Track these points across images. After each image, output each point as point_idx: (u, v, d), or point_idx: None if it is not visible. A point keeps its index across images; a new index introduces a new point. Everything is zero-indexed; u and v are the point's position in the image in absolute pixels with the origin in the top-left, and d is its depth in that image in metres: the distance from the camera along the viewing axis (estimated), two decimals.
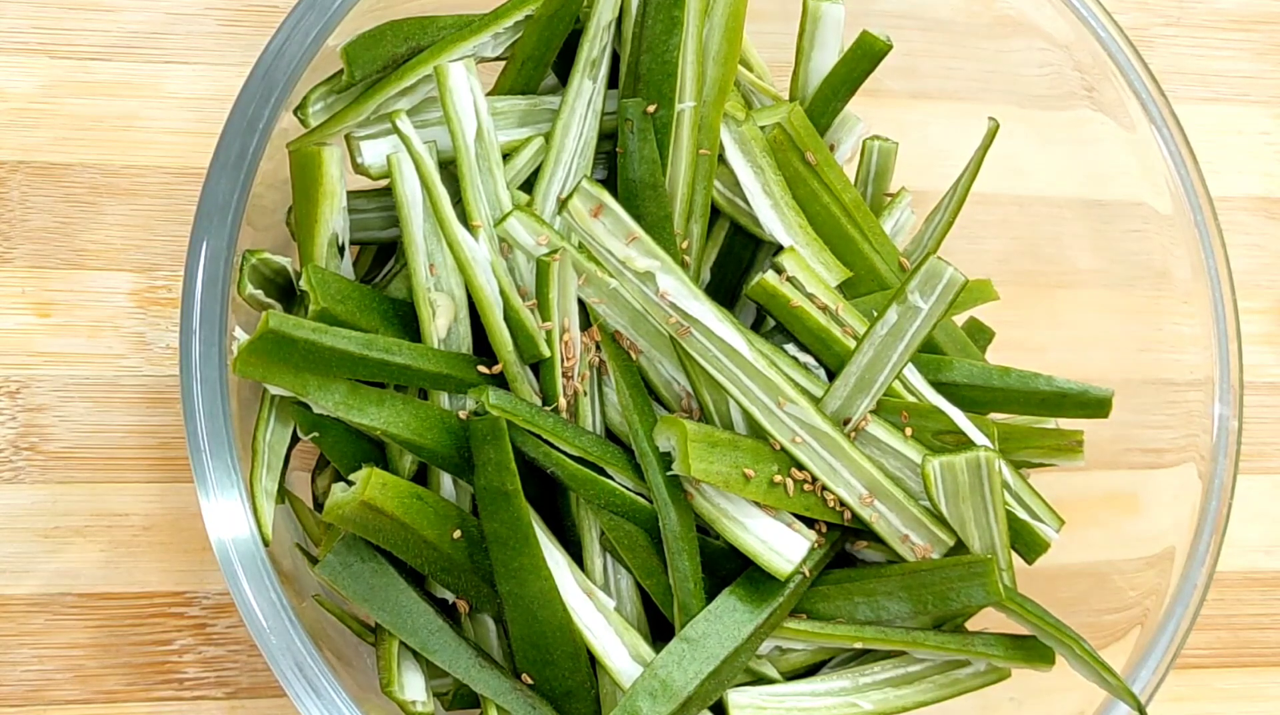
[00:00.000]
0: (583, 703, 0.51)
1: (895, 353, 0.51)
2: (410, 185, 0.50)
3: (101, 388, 0.60)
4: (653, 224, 0.52)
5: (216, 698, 0.59)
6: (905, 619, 0.53)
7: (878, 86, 0.57)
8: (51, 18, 0.61)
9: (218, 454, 0.47)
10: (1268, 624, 0.68)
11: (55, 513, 0.59)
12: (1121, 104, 0.57)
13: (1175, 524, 0.55)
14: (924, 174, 0.60)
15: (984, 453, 0.51)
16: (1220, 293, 0.56)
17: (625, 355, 0.52)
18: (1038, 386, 0.55)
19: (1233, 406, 0.56)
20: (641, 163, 0.52)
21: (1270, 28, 0.72)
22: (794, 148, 0.55)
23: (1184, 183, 0.56)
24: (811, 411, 0.51)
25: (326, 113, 0.51)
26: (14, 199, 0.60)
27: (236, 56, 0.62)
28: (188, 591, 0.59)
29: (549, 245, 0.50)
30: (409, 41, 0.52)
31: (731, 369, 0.51)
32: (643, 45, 0.53)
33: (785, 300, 0.53)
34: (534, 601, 0.49)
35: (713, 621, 0.50)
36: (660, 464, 0.51)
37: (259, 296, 0.50)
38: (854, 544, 0.55)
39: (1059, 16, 0.56)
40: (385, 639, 0.50)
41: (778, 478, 0.51)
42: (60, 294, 0.60)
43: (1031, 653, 0.53)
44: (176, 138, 0.61)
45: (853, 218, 0.56)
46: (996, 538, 0.52)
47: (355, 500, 0.47)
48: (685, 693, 0.49)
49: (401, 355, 0.49)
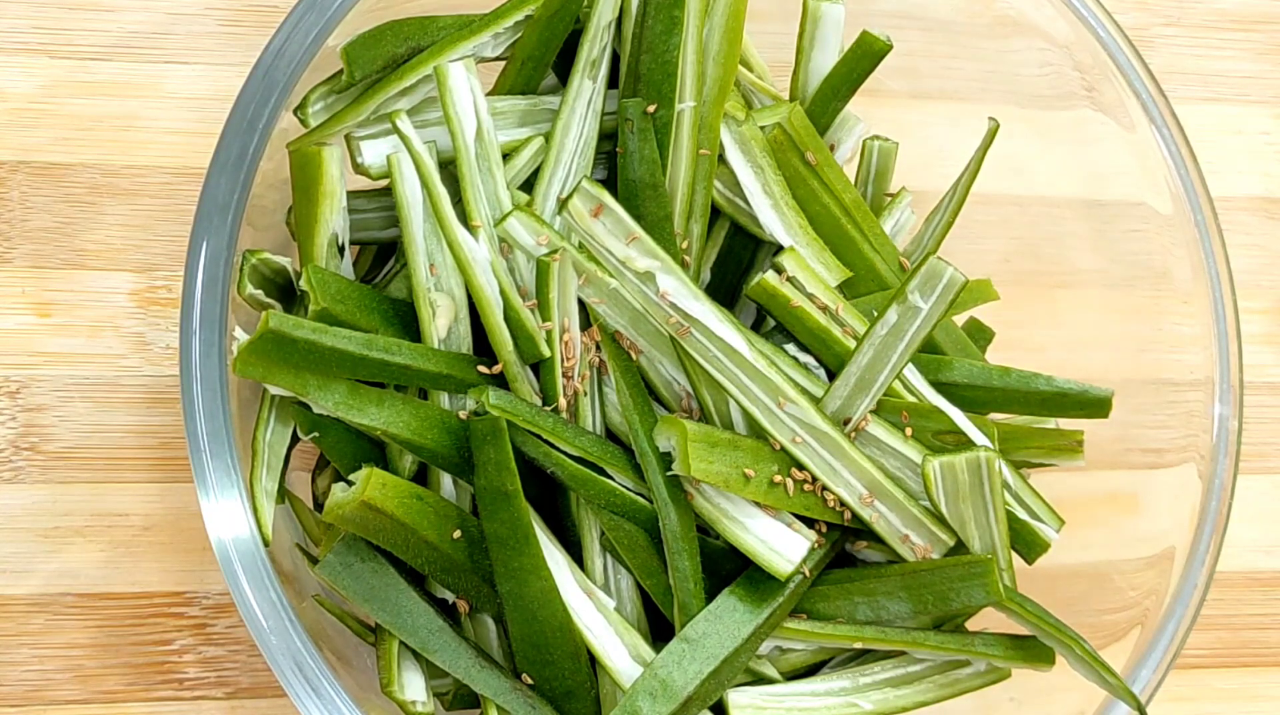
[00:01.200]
0: (583, 703, 0.51)
1: (895, 353, 0.51)
2: (410, 185, 0.50)
3: (101, 388, 0.60)
4: (653, 224, 0.52)
5: (216, 698, 0.59)
6: (905, 619, 0.53)
7: (878, 86, 0.57)
8: (51, 18, 0.61)
9: (218, 454, 0.47)
10: (1268, 624, 0.68)
11: (55, 513, 0.59)
12: (1121, 104, 0.57)
13: (1175, 524, 0.55)
14: (924, 174, 0.60)
15: (984, 453, 0.51)
16: (1220, 293, 0.56)
17: (625, 355, 0.52)
18: (1038, 386, 0.55)
19: (1233, 406, 0.56)
20: (641, 163, 0.52)
21: (1270, 28, 0.72)
22: (794, 148, 0.55)
23: (1184, 183, 0.56)
24: (811, 411, 0.51)
25: (326, 113, 0.51)
26: (14, 199, 0.60)
27: (236, 56, 0.62)
28: (188, 591, 0.59)
29: (549, 245, 0.50)
30: (409, 41, 0.52)
31: (731, 369, 0.51)
32: (643, 45, 0.53)
33: (785, 300, 0.53)
34: (534, 601, 0.49)
35: (713, 621, 0.50)
36: (660, 464, 0.51)
37: (259, 296, 0.50)
38: (854, 544, 0.55)
39: (1059, 16, 0.56)
40: (385, 639, 0.50)
41: (778, 478, 0.51)
42: (60, 294, 0.60)
43: (1031, 653, 0.53)
44: (176, 138, 0.61)
45: (853, 218, 0.56)
46: (996, 538, 0.52)
47: (355, 500, 0.47)
48: (685, 693, 0.49)
49: (401, 355, 0.49)
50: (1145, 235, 0.58)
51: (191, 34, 0.62)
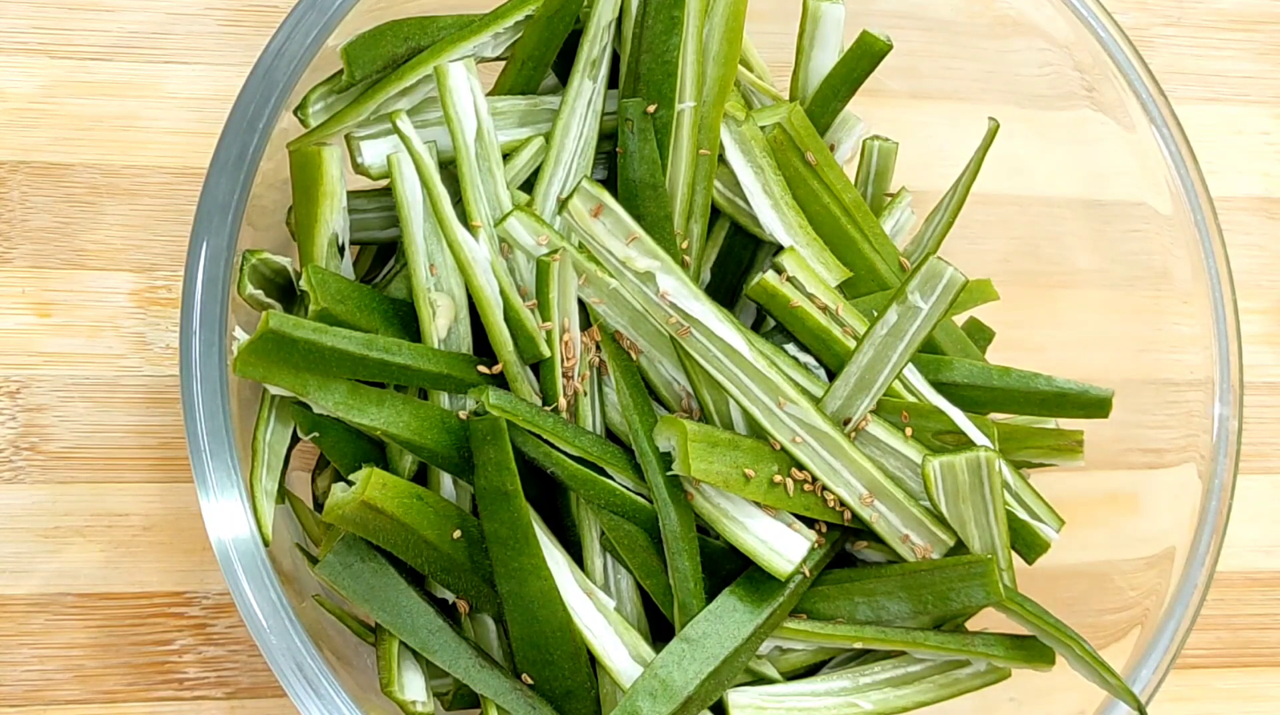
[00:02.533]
0: (583, 703, 0.51)
1: (895, 353, 0.51)
2: (410, 185, 0.50)
3: (101, 388, 0.60)
4: (653, 224, 0.52)
5: (216, 698, 0.59)
6: (905, 619, 0.53)
7: (878, 86, 0.57)
8: (51, 18, 0.61)
9: (218, 454, 0.47)
10: (1268, 624, 0.68)
11: (55, 513, 0.59)
12: (1122, 104, 0.57)
13: (1175, 524, 0.55)
14: (924, 174, 0.60)
15: (984, 453, 0.51)
16: (1220, 293, 0.56)
17: (625, 355, 0.52)
18: (1038, 386, 0.55)
19: (1233, 406, 0.56)
20: (641, 163, 0.52)
21: (1270, 28, 0.72)
22: (794, 148, 0.55)
23: (1184, 183, 0.56)
24: (811, 411, 0.51)
25: (326, 113, 0.51)
26: (14, 199, 0.60)
27: (236, 56, 0.62)
28: (188, 591, 0.59)
29: (549, 245, 0.50)
30: (409, 41, 0.52)
31: (731, 369, 0.51)
32: (643, 45, 0.53)
33: (785, 300, 0.53)
34: (534, 601, 0.49)
35: (713, 621, 0.50)
36: (660, 464, 0.51)
37: (259, 296, 0.50)
38: (854, 544, 0.54)
39: (1059, 16, 0.56)
40: (385, 639, 0.50)
41: (778, 478, 0.51)
42: (60, 294, 0.60)
43: (1032, 653, 0.53)
44: (176, 138, 0.61)
45: (853, 218, 0.56)
46: (996, 538, 0.52)
47: (355, 500, 0.47)
48: (685, 693, 0.49)
49: (401, 355, 0.49)
50: (1145, 235, 0.58)
51: (191, 34, 0.62)
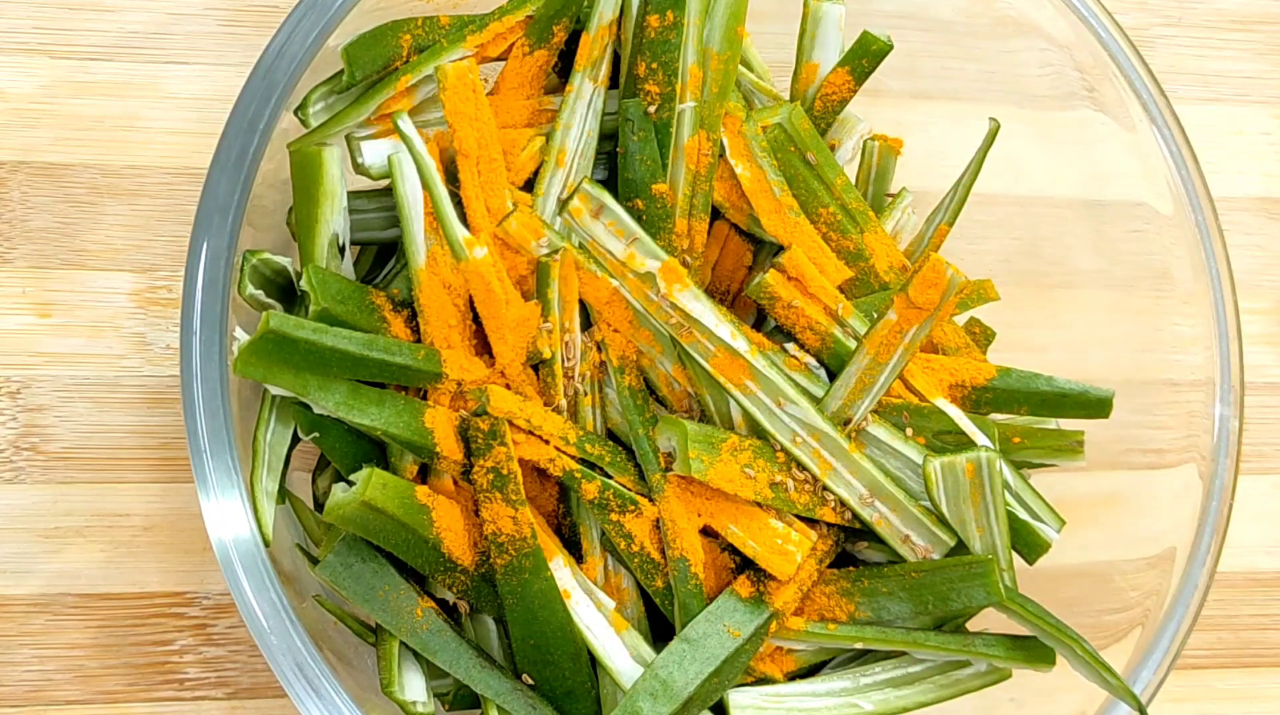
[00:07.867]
0: (583, 703, 0.51)
1: (895, 353, 0.51)
2: (410, 185, 0.50)
3: (102, 388, 0.60)
4: (653, 224, 0.52)
5: (217, 698, 0.59)
6: (906, 619, 0.53)
7: (878, 86, 0.57)
8: (51, 18, 0.61)
9: (218, 454, 0.47)
10: (1268, 624, 0.68)
11: (56, 513, 0.59)
12: (1122, 104, 0.57)
13: (1176, 524, 0.55)
14: (924, 174, 0.60)
15: (985, 453, 0.51)
16: (1221, 293, 0.56)
17: (625, 355, 0.52)
18: (1038, 386, 0.55)
19: (1233, 407, 0.56)
20: (641, 163, 0.52)
21: (1270, 28, 0.72)
22: (794, 148, 0.55)
23: (1185, 183, 0.56)
24: (812, 412, 0.51)
25: (327, 113, 0.51)
26: (14, 199, 0.60)
27: (236, 56, 0.62)
28: (188, 592, 0.59)
29: (549, 245, 0.50)
30: (409, 42, 0.52)
31: (732, 369, 0.51)
32: (643, 45, 0.53)
33: (786, 300, 0.53)
34: (534, 602, 0.49)
35: (713, 621, 0.50)
36: (660, 464, 0.51)
37: (259, 296, 0.50)
38: (854, 544, 0.54)
39: (1059, 17, 0.56)
40: (385, 639, 0.50)
41: (778, 478, 0.51)
42: (60, 294, 0.60)
43: (1032, 653, 0.53)
44: (176, 138, 0.61)
45: (853, 218, 0.56)
46: (997, 538, 0.52)
47: (355, 500, 0.47)
48: (686, 693, 0.49)
49: (401, 355, 0.49)
50: (1146, 235, 0.58)
51: (191, 34, 0.62)
